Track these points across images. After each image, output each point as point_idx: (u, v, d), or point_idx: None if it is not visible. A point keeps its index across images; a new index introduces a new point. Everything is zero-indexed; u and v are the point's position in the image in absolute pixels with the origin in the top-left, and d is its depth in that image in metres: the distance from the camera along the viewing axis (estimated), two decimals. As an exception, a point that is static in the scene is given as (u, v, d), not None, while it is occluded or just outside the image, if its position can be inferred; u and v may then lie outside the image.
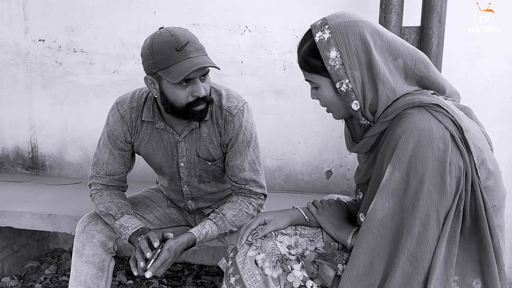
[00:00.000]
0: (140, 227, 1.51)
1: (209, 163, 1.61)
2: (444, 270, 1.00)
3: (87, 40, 2.71)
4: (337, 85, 1.09)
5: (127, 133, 1.58)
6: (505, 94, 2.32)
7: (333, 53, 1.08)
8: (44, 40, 2.77)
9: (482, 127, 1.20)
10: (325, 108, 1.22)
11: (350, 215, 1.37)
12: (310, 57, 1.12)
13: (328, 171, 2.58)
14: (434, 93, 1.14)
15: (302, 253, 1.25)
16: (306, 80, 1.18)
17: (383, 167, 1.06)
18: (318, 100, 1.22)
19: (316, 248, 1.27)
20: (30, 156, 2.91)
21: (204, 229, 1.50)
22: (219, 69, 1.39)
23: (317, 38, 1.10)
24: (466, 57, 2.31)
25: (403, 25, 2.01)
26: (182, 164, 1.62)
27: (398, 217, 1.02)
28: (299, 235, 1.31)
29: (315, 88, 1.18)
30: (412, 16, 2.22)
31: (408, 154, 1.00)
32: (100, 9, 2.66)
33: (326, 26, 1.10)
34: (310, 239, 1.30)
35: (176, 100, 1.42)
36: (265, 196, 1.66)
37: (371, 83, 1.08)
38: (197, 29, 2.56)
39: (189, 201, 1.75)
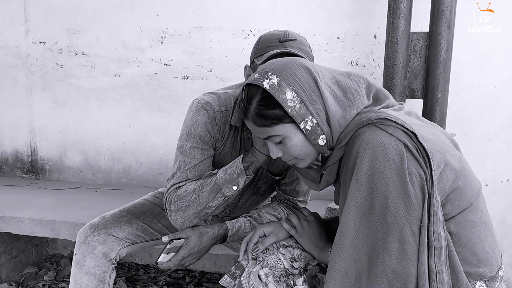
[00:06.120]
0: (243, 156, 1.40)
1: (277, 178, 1.56)
2: (449, 277, 0.99)
3: (89, 42, 2.67)
4: (301, 125, 1.04)
5: (216, 136, 1.46)
6: (513, 101, 2.29)
7: (289, 94, 1.02)
8: (45, 43, 2.73)
9: (436, 126, 1.17)
10: (290, 161, 1.15)
11: (332, 231, 1.31)
12: (266, 109, 1.04)
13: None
14: (386, 106, 1.11)
15: (305, 267, 1.22)
16: (267, 138, 1.11)
17: (347, 191, 1.03)
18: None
19: (319, 261, 1.24)
20: (30, 159, 2.87)
21: (237, 223, 1.47)
22: (303, 57, 1.29)
23: (266, 86, 1.03)
24: (474, 63, 2.28)
25: (411, 30, 1.97)
26: None
27: (370, 238, 0.99)
28: (301, 248, 1.27)
29: (279, 143, 1.10)
30: (419, 21, 2.18)
31: (366, 173, 0.97)
32: (103, 11, 2.63)
33: (269, 73, 1.04)
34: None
35: None
36: None
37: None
38: (200, 32, 2.52)
39: (226, 210, 1.66)
